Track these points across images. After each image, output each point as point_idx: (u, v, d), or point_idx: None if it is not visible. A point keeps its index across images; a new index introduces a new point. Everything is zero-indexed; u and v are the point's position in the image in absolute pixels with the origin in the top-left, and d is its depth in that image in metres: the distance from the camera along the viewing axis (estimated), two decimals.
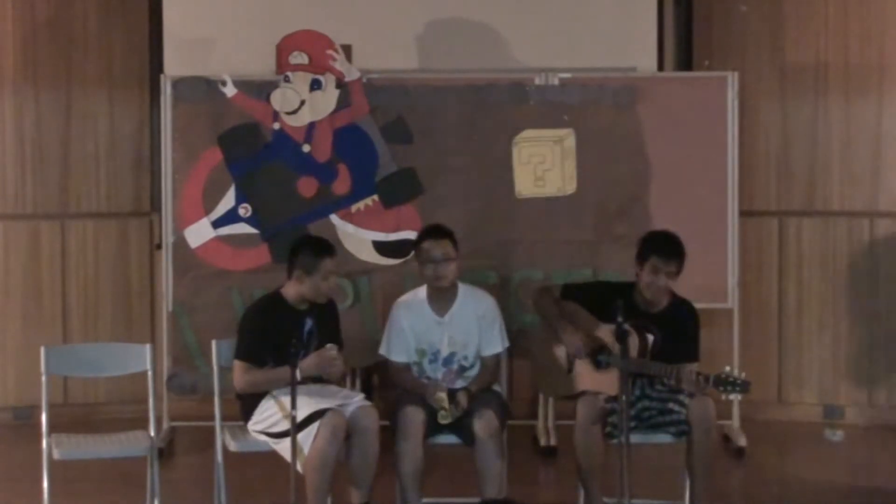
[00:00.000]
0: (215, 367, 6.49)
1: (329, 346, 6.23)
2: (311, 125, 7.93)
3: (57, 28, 8.60)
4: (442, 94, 7.97)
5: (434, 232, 6.62)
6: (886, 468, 7.69)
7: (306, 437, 6.06)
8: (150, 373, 6.46)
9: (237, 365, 6.29)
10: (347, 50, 8.04)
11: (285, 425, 5.97)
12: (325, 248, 6.36)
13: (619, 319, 5.85)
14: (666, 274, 6.36)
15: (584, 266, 7.92)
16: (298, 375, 5.88)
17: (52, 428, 6.37)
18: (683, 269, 6.42)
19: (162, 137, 8.01)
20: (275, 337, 6.17)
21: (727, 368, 6.18)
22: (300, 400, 5.85)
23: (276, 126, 7.92)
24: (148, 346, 6.52)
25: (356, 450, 6.17)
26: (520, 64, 8.31)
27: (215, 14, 8.40)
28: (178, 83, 7.95)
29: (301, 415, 5.98)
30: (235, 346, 6.33)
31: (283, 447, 6.04)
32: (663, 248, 6.40)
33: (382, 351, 6.66)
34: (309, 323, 6.33)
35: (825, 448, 8.14)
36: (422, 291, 6.64)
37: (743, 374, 6.13)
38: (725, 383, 6.11)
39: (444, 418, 6.34)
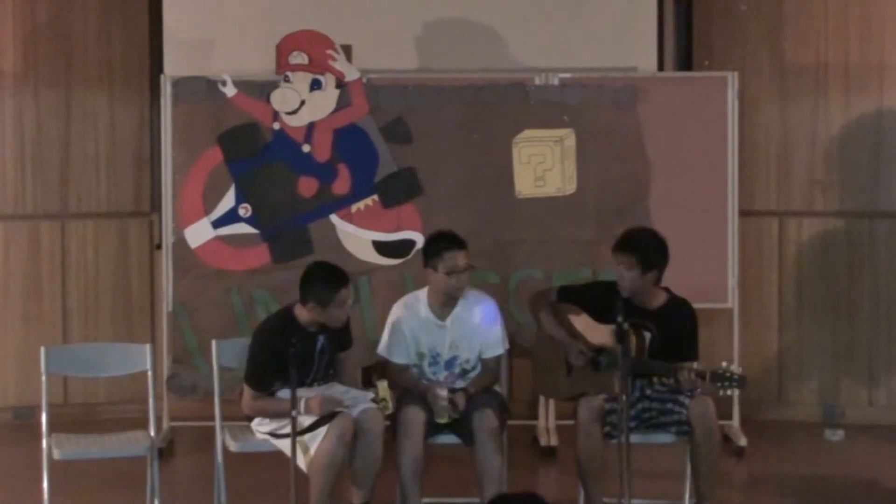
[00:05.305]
0: (215, 367, 6.50)
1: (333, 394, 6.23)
2: (311, 125, 7.93)
3: (57, 28, 8.59)
4: (442, 94, 7.97)
5: (454, 241, 6.50)
6: (886, 468, 7.68)
7: (313, 439, 6.07)
8: (150, 373, 6.47)
9: (246, 389, 6.29)
10: (347, 50, 8.03)
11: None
12: (340, 278, 6.24)
13: (620, 319, 5.85)
14: (625, 266, 6.32)
15: (584, 266, 7.91)
16: (301, 408, 5.95)
17: (52, 428, 6.38)
18: (650, 263, 6.32)
19: (162, 137, 8.01)
20: (284, 360, 5.97)
21: (724, 363, 6.16)
22: None
23: (276, 126, 7.92)
24: (148, 346, 6.52)
25: (360, 451, 6.17)
26: (520, 64, 8.30)
27: (215, 14, 8.40)
28: (178, 83, 7.95)
29: (310, 419, 6.04)
30: (245, 367, 6.32)
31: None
32: (618, 241, 6.42)
33: (382, 351, 6.63)
34: (321, 341, 6.31)
35: (825, 448, 8.14)
36: (422, 294, 6.61)
37: (739, 369, 6.13)
38: (722, 378, 6.10)
39: (440, 417, 6.34)
